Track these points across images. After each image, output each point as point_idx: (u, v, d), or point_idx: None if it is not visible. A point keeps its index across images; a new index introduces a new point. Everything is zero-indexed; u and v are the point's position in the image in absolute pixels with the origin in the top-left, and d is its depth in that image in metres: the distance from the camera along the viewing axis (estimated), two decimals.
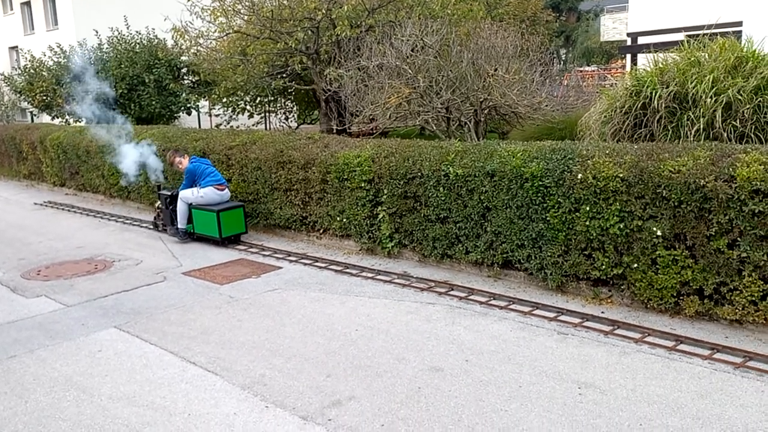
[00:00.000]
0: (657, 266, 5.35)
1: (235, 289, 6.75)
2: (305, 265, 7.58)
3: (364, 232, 7.75)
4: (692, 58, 6.90)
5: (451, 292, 6.32)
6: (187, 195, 8.76)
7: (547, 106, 10.07)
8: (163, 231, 9.44)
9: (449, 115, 10.13)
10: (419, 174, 6.95)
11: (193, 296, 6.59)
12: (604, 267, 5.67)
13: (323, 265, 7.48)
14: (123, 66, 16.96)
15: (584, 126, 7.77)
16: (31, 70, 18.91)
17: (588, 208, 5.64)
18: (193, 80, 18.46)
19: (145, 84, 17.08)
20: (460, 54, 9.94)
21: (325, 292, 6.55)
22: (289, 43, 12.74)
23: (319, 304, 6.20)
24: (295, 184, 8.49)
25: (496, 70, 9.62)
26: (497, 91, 9.51)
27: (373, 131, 11.54)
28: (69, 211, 11.96)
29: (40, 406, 4.42)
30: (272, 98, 17.96)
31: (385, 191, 7.34)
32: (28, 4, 31.54)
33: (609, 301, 5.81)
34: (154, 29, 18.05)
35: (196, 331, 5.63)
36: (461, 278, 6.72)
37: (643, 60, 10.72)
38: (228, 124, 17.60)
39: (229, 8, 13.43)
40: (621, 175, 5.40)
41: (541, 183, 5.92)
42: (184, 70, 18.32)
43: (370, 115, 10.59)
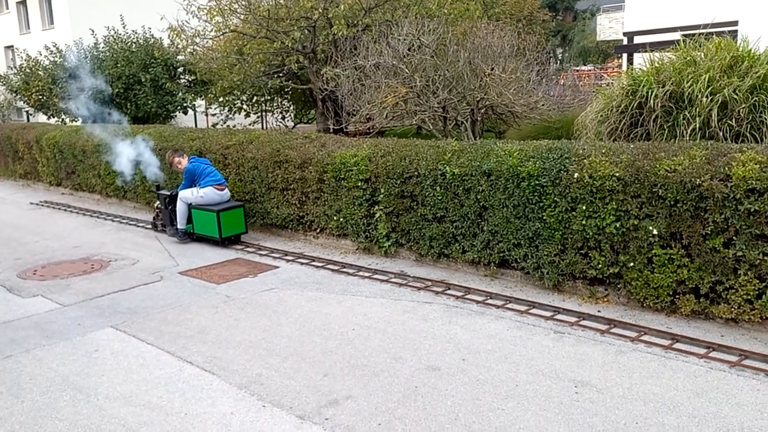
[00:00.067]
0: (653, 265, 5.36)
1: (232, 289, 6.75)
2: (302, 264, 7.58)
3: (360, 232, 7.75)
4: (688, 58, 6.92)
5: (448, 292, 6.33)
6: (187, 195, 8.72)
7: (543, 105, 10.08)
8: (162, 231, 9.40)
9: (446, 114, 10.13)
10: (416, 173, 6.95)
11: (189, 296, 6.58)
12: (601, 266, 5.69)
13: (320, 265, 7.48)
14: (119, 65, 16.93)
15: (581, 125, 7.79)
16: (27, 70, 18.86)
17: (584, 207, 5.65)
18: (190, 79, 18.44)
19: (141, 83, 17.05)
20: (456, 53, 9.95)
21: (322, 291, 6.55)
22: (285, 43, 12.72)
23: (316, 303, 6.20)
24: (291, 184, 8.49)
25: (492, 69, 9.63)
26: (494, 91, 9.52)
27: (370, 130, 11.53)
28: (65, 210, 11.94)
29: (36, 405, 4.41)
30: (269, 97, 17.95)
31: (382, 190, 7.34)
32: (23, 3, 31.48)
33: (605, 300, 5.83)
34: (150, 28, 18.02)
35: (193, 330, 5.63)
36: (458, 277, 6.73)
37: (639, 59, 10.76)
38: (224, 123, 17.57)
39: (226, 7, 13.42)
40: (617, 175, 5.41)
41: (537, 182, 5.93)
42: (181, 70, 18.30)
43: (367, 115, 10.59)
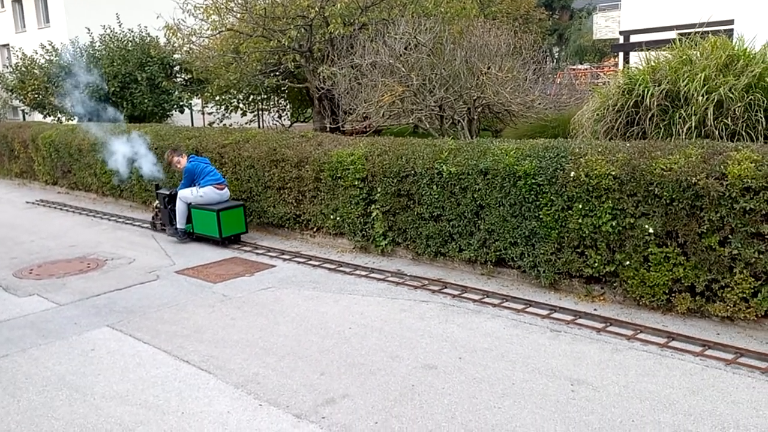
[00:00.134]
0: (649, 263, 5.37)
1: (229, 288, 6.74)
2: (299, 263, 7.57)
3: (357, 231, 7.75)
4: (684, 57, 6.93)
5: (445, 290, 6.33)
6: (186, 194, 8.66)
7: (540, 104, 10.09)
8: (162, 231, 9.36)
9: (442, 113, 10.14)
10: (412, 172, 6.95)
11: (186, 295, 6.58)
12: (597, 264, 5.70)
13: (317, 264, 7.48)
14: (115, 64, 16.89)
15: (577, 124, 7.80)
16: (23, 68, 18.83)
17: (580, 206, 5.66)
18: (186, 78, 18.41)
19: (137, 82, 17.01)
20: (453, 52, 9.96)
21: (318, 290, 6.55)
22: (282, 41, 12.72)
23: (313, 302, 6.20)
24: (288, 183, 8.49)
25: (489, 68, 9.64)
26: (490, 89, 9.53)
27: (367, 129, 11.54)
28: (61, 209, 11.91)
29: (32, 405, 4.41)
30: (265, 96, 17.94)
31: (379, 189, 7.34)
32: (19, 1, 31.37)
33: (601, 298, 5.84)
34: (146, 27, 17.98)
35: (190, 329, 5.62)
36: (454, 276, 6.74)
37: (635, 58, 10.77)
38: (221, 122, 17.55)
39: (222, 6, 13.41)
40: (613, 173, 5.42)
41: (534, 181, 5.93)
42: (177, 68, 18.27)
43: (364, 114, 10.59)
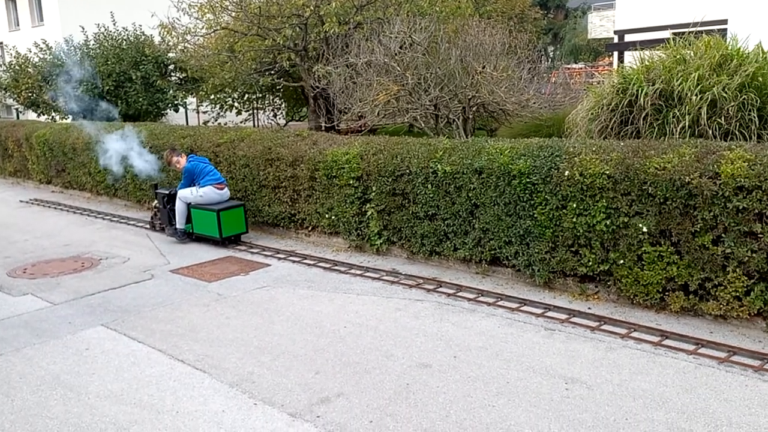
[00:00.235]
0: (643, 262, 5.39)
1: (224, 287, 6.74)
2: (294, 262, 7.57)
3: (352, 230, 7.76)
4: (678, 56, 6.95)
5: (440, 289, 6.34)
6: (186, 194, 8.58)
7: (534, 103, 10.12)
8: (161, 231, 9.28)
9: (438, 112, 10.15)
10: (407, 171, 6.96)
11: (181, 294, 6.57)
12: (591, 263, 5.72)
13: (312, 263, 7.48)
14: (109, 62, 16.85)
15: (571, 123, 7.82)
16: (17, 67, 18.76)
17: (575, 205, 5.68)
18: (181, 77, 18.38)
19: (131, 81, 16.97)
20: (448, 51, 9.97)
21: (313, 289, 6.55)
22: (277, 40, 12.71)
23: (308, 301, 6.20)
24: (283, 182, 8.48)
25: (484, 67, 9.65)
26: (485, 89, 9.55)
27: (362, 128, 11.55)
28: (55, 208, 11.88)
29: (26, 404, 4.40)
30: (260, 95, 17.92)
31: (374, 188, 7.35)
32: None
33: (596, 297, 5.86)
34: (141, 26, 17.94)
35: (184, 328, 5.62)
36: (449, 275, 6.75)
37: (629, 57, 10.80)
38: (216, 121, 17.53)
39: (217, 5, 13.39)
40: (607, 172, 5.44)
41: (528, 180, 5.95)
42: (172, 67, 18.24)
43: (359, 113, 10.60)
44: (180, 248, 8.46)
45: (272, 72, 14.76)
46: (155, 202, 9.38)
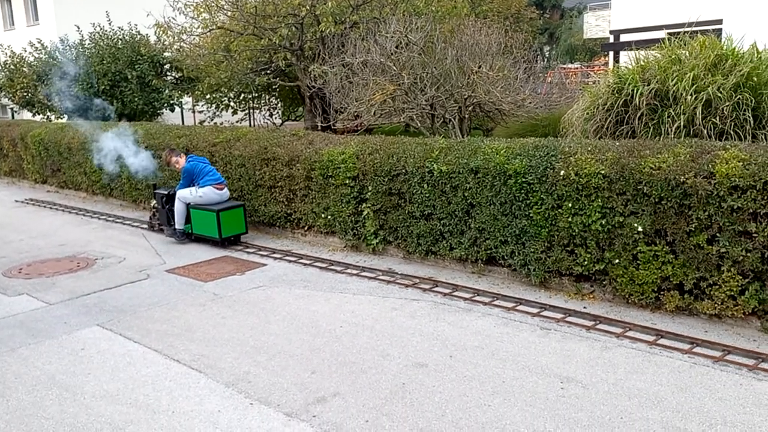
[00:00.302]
0: (638, 262, 5.41)
1: (220, 287, 6.73)
2: (290, 262, 7.57)
3: (348, 229, 7.76)
4: (673, 56, 6.97)
5: (436, 289, 6.35)
6: (185, 194, 8.53)
7: (530, 103, 10.12)
8: (160, 231, 9.23)
9: (434, 112, 10.15)
10: (403, 171, 6.96)
11: (176, 294, 6.56)
12: (587, 263, 5.73)
13: (308, 262, 7.48)
14: (105, 62, 16.81)
15: (567, 123, 7.83)
16: (11, 66, 18.69)
17: (570, 205, 5.69)
18: (177, 76, 18.33)
19: (127, 80, 16.93)
20: (444, 51, 9.98)
21: (309, 289, 6.55)
22: (273, 40, 12.70)
23: (304, 301, 6.20)
24: (279, 181, 8.48)
25: (480, 67, 9.66)
26: (481, 88, 9.55)
27: (358, 128, 11.54)
28: (51, 208, 11.85)
29: (22, 404, 4.39)
30: (256, 95, 17.90)
31: (370, 188, 7.35)
32: None
33: (591, 296, 5.87)
34: (136, 25, 17.89)
35: (180, 328, 5.62)
36: (445, 274, 6.76)
37: (625, 57, 10.82)
38: (212, 120, 17.50)
39: (212, 4, 13.37)
40: (603, 172, 5.45)
41: (524, 180, 5.96)
42: (167, 67, 18.18)
43: (355, 112, 10.59)
44: (176, 248, 8.45)
45: (268, 71, 14.74)
46: (154, 202, 9.33)
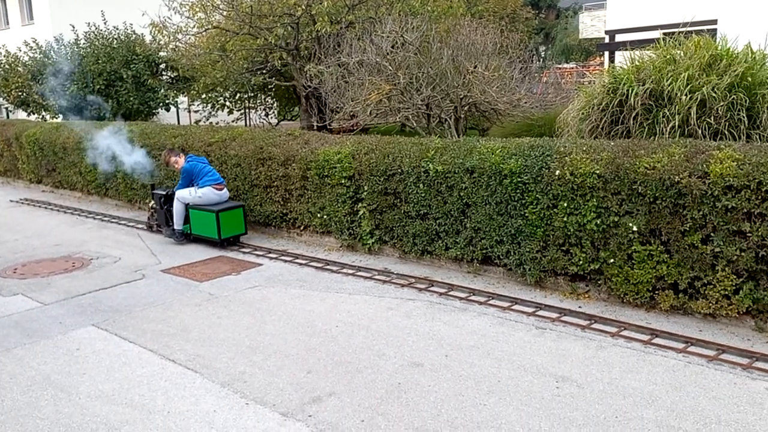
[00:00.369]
0: (633, 261, 5.43)
1: (215, 287, 6.73)
2: (285, 261, 7.57)
3: (344, 229, 7.76)
4: (668, 56, 7.00)
5: (431, 288, 6.36)
6: (184, 195, 8.47)
7: (526, 103, 10.14)
8: (158, 232, 9.18)
9: (429, 111, 10.16)
10: (399, 170, 6.97)
11: (172, 294, 6.56)
12: (582, 262, 5.74)
13: (304, 262, 7.48)
14: (100, 61, 16.76)
15: (562, 123, 7.85)
16: (6, 66, 18.62)
17: (565, 204, 5.71)
18: (172, 76, 18.29)
19: (122, 80, 16.89)
20: (440, 51, 9.99)
21: (305, 288, 6.55)
22: (268, 39, 12.69)
23: (300, 300, 6.20)
24: (275, 181, 8.47)
25: (475, 67, 9.67)
26: (477, 88, 9.56)
27: (354, 128, 11.56)
28: (46, 208, 11.82)
29: (17, 405, 4.38)
30: (252, 94, 17.87)
31: (366, 188, 7.35)
32: None
33: (586, 295, 5.89)
34: (132, 24, 17.84)
35: (176, 328, 5.61)
36: (441, 274, 6.76)
37: (620, 57, 10.84)
38: (207, 120, 17.47)
39: (208, 4, 13.35)
40: (598, 172, 5.47)
41: (519, 179, 5.97)
42: (163, 66, 18.14)
43: (351, 112, 10.60)
44: (171, 248, 8.44)
45: (264, 71, 14.72)
46: (152, 202, 9.28)
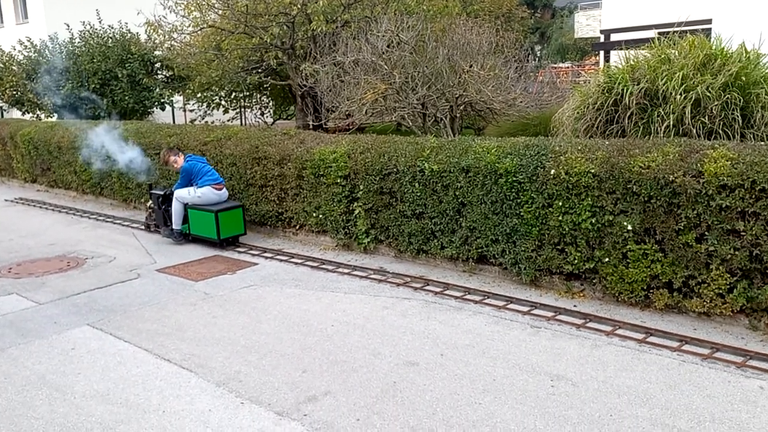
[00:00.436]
0: (627, 260, 5.44)
1: (210, 286, 6.72)
2: (281, 261, 7.56)
3: (340, 228, 7.76)
4: (662, 56, 7.01)
5: (427, 287, 6.36)
6: (183, 194, 8.41)
7: (521, 102, 10.17)
8: (156, 232, 9.13)
9: (425, 111, 10.17)
10: (395, 170, 6.97)
11: (167, 293, 6.55)
12: (577, 261, 5.76)
13: (299, 261, 7.48)
14: (95, 61, 16.72)
15: (558, 122, 7.86)
16: (0, 65, 18.56)
17: (561, 204, 5.72)
18: (167, 75, 18.27)
19: (117, 79, 16.86)
20: (435, 50, 9.99)
21: (301, 288, 6.55)
22: (264, 38, 12.68)
23: (295, 300, 6.20)
24: (270, 180, 8.47)
25: (471, 66, 9.68)
26: (472, 87, 9.58)
27: (350, 127, 11.54)
28: (40, 207, 11.78)
29: (11, 404, 4.37)
30: (247, 93, 17.85)
31: (361, 187, 7.35)
32: None
33: (581, 294, 5.90)
34: (127, 23, 17.81)
35: (171, 328, 5.60)
36: (437, 273, 6.77)
37: (615, 57, 10.87)
38: (203, 119, 17.45)
39: (203, 3, 13.32)
40: (593, 171, 5.48)
41: (515, 179, 5.98)
42: (158, 65, 18.12)
43: (346, 111, 10.60)
44: (166, 247, 8.43)
45: (259, 70, 14.72)
46: (150, 202, 9.24)
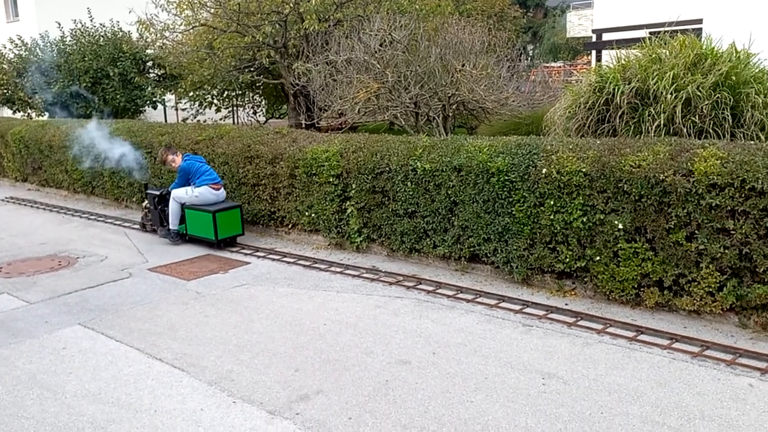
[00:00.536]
0: (618, 259, 5.47)
1: (202, 285, 6.71)
2: (273, 260, 7.56)
3: (332, 227, 7.76)
4: (653, 55, 7.04)
5: (419, 286, 6.37)
6: (181, 194, 8.33)
7: (514, 101, 10.19)
8: (152, 232, 9.06)
9: (418, 110, 10.18)
10: (387, 169, 6.98)
11: (159, 292, 6.53)
12: (568, 260, 5.78)
13: (291, 260, 7.47)
14: (86, 59, 16.64)
15: (549, 121, 7.89)
16: None
17: (552, 203, 5.74)
18: (159, 74, 18.20)
19: (109, 77, 16.78)
20: (428, 49, 10.00)
21: (293, 287, 6.55)
22: (256, 37, 12.64)
23: (288, 299, 6.20)
24: (263, 179, 8.46)
25: (463, 65, 9.69)
26: (465, 87, 9.59)
27: (342, 126, 11.54)
28: (31, 206, 11.72)
29: (2, 404, 4.35)
30: (240, 92, 17.80)
31: (354, 186, 7.36)
32: None
33: (573, 293, 5.92)
34: (118, 22, 17.72)
35: (163, 327, 5.59)
36: (429, 272, 6.78)
37: (607, 56, 10.91)
38: (195, 118, 17.39)
39: (195, 1, 13.27)
40: (584, 170, 5.50)
41: (506, 178, 6.00)
42: (150, 64, 18.04)
43: (339, 110, 10.60)
44: (158, 247, 8.40)
45: (252, 69, 14.67)
46: (146, 202, 9.17)
